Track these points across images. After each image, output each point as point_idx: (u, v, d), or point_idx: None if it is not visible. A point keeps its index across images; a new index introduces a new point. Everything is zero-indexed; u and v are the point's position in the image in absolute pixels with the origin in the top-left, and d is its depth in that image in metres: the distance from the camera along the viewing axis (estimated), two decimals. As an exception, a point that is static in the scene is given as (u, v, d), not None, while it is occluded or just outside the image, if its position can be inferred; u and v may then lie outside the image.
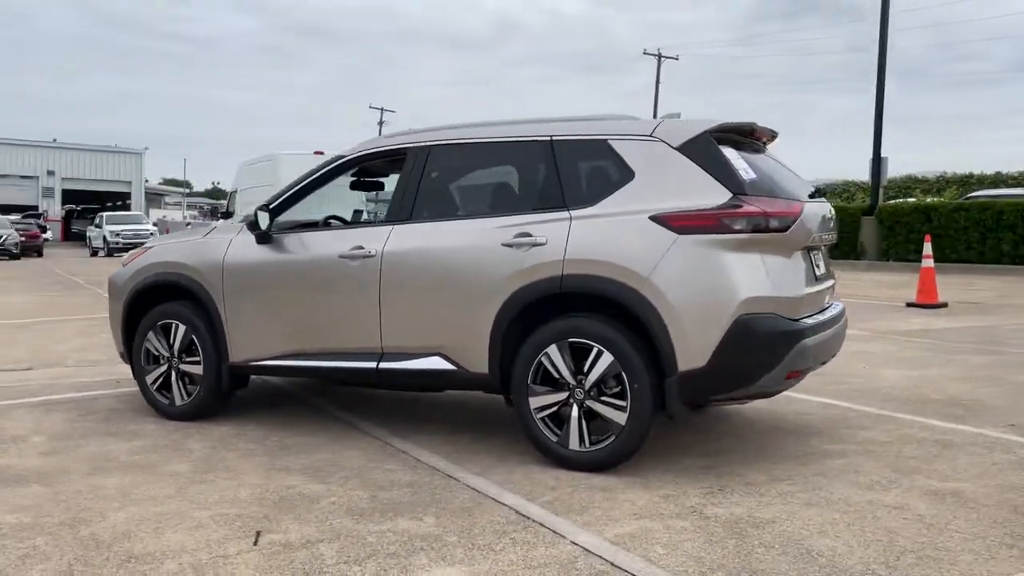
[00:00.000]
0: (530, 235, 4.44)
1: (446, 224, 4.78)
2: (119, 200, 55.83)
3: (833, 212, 4.98)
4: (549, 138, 4.62)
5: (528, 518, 3.71)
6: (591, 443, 4.32)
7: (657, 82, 48.84)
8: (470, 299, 4.56)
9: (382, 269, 4.85)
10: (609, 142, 4.47)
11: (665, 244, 4.15)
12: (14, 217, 38.22)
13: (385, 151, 5.16)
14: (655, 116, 37.24)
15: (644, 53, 49.05)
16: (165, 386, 5.65)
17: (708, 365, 4.08)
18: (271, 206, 5.32)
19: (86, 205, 53.17)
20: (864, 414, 5.58)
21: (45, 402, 6.19)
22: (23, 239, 32.76)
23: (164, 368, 5.63)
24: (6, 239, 30.48)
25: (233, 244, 5.39)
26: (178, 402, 5.58)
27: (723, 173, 4.22)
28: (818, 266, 4.69)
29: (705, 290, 4.09)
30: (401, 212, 4.94)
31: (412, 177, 4.97)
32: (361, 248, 4.93)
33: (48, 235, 41.91)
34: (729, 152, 4.32)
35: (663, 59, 48.94)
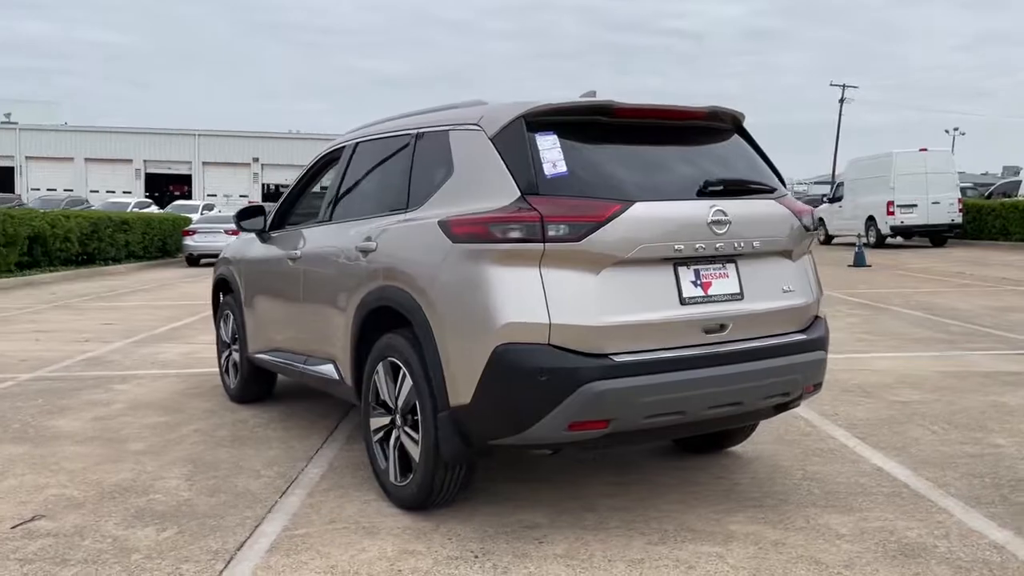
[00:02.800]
0: (370, 239, 4.05)
1: (336, 226, 4.55)
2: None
3: (757, 213, 3.67)
4: (417, 131, 4.13)
5: (239, 549, 3.45)
6: (402, 477, 3.82)
7: None
8: (337, 307, 4.31)
9: (302, 271, 4.80)
10: (449, 133, 3.86)
11: (442, 254, 3.49)
12: None
13: (337, 148, 5.04)
14: None
15: None
16: (227, 370, 6.23)
17: (472, 402, 3.35)
18: (278, 204, 5.55)
19: None
20: (898, 491, 4.01)
21: (194, 374, 7.20)
22: None
23: (227, 353, 6.21)
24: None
25: (252, 240, 5.73)
26: (232, 386, 6.12)
27: (520, 168, 3.40)
28: (700, 284, 3.50)
29: (469, 311, 3.36)
30: (324, 213, 4.82)
31: (337, 176, 4.81)
32: (295, 249, 4.92)
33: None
34: (545, 141, 3.44)
35: None
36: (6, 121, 52.90)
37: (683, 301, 3.45)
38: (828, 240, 28.37)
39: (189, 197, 47.76)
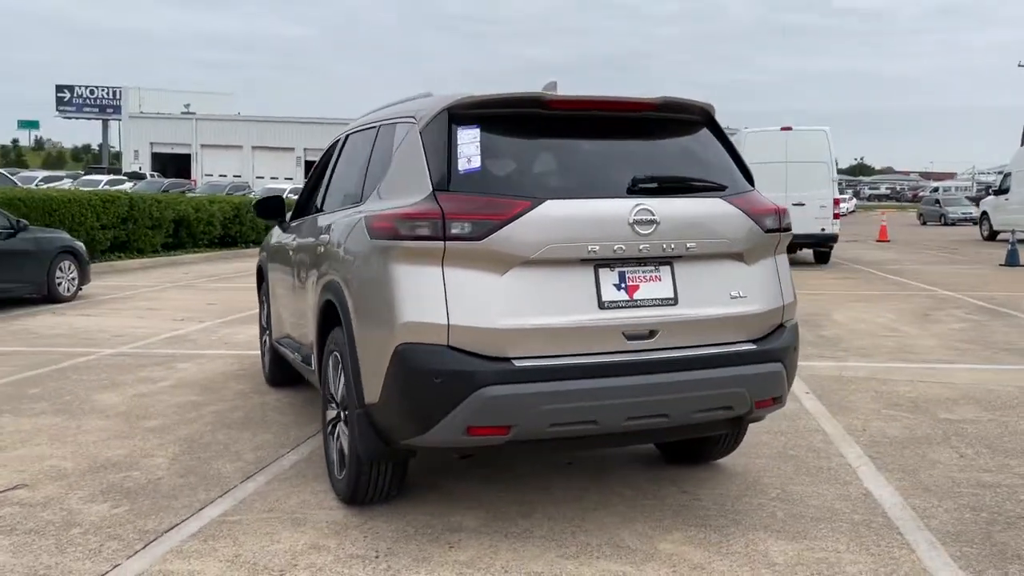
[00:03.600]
0: (328, 232, 4.07)
1: (320, 217, 4.59)
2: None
3: (696, 212, 3.40)
4: (379, 124, 4.10)
5: (168, 531, 3.56)
6: (340, 471, 3.82)
7: None
8: (308, 297, 4.36)
9: (294, 262, 4.89)
10: (396, 126, 3.80)
11: (363, 250, 3.46)
12: None
13: (336, 139, 5.07)
14: None
15: None
16: (263, 354, 6.45)
17: (380, 401, 3.31)
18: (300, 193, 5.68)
19: None
20: (871, 519, 3.64)
21: (251, 356, 7.45)
22: None
23: (264, 337, 6.43)
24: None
25: (279, 229, 5.88)
26: (266, 370, 6.34)
27: (437, 163, 3.31)
28: (624, 287, 3.29)
29: (378, 308, 3.31)
30: (318, 204, 4.87)
31: (330, 167, 4.85)
32: (295, 240, 5.01)
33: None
34: (466, 135, 3.32)
35: None
36: (186, 112, 57.11)
37: (602, 305, 3.25)
38: (992, 236, 26.19)
39: (345, 183, 49.80)
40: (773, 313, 3.57)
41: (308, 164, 54.76)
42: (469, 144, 3.30)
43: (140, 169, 51.23)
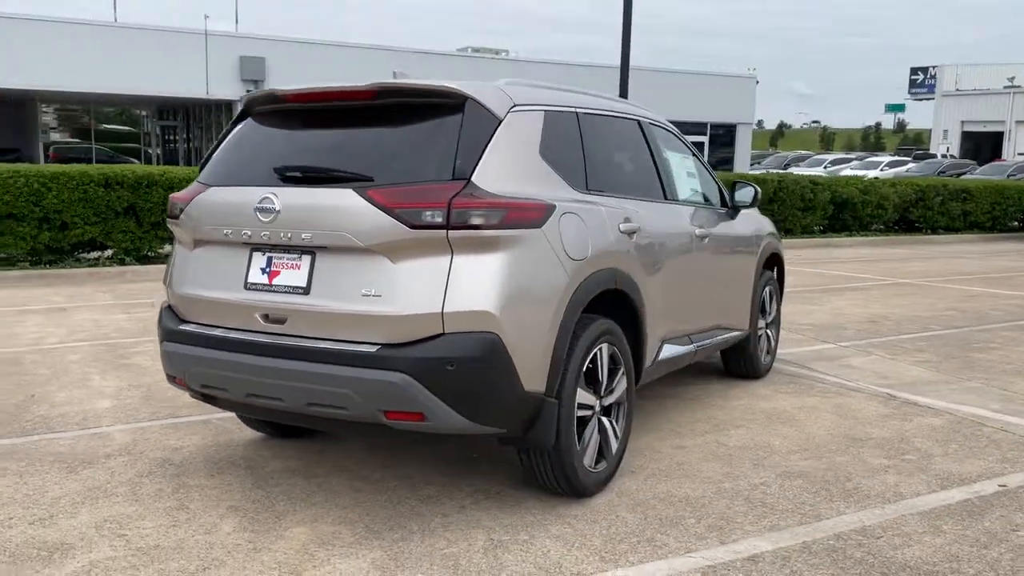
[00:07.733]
0: None
1: None
2: None
3: (319, 204, 3.30)
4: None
5: (131, 417, 4.94)
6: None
7: None
8: None
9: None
10: None
11: None
12: None
13: None
14: None
15: None
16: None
17: None
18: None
19: None
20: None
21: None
22: None
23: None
24: None
25: None
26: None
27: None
28: (268, 272, 3.47)
29: None
30: None
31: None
32: None
33: None
34: (238, 129, 3.86)
35: None
36: (1008, 86, 52.53)
37: (247, 286, 3.49)
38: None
39: None
40: (422, 319, 3.13)
41: None
42: (230, 138, 3.86)
43: (948, 150, 49.65)
